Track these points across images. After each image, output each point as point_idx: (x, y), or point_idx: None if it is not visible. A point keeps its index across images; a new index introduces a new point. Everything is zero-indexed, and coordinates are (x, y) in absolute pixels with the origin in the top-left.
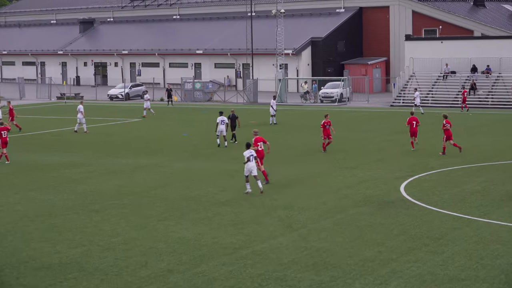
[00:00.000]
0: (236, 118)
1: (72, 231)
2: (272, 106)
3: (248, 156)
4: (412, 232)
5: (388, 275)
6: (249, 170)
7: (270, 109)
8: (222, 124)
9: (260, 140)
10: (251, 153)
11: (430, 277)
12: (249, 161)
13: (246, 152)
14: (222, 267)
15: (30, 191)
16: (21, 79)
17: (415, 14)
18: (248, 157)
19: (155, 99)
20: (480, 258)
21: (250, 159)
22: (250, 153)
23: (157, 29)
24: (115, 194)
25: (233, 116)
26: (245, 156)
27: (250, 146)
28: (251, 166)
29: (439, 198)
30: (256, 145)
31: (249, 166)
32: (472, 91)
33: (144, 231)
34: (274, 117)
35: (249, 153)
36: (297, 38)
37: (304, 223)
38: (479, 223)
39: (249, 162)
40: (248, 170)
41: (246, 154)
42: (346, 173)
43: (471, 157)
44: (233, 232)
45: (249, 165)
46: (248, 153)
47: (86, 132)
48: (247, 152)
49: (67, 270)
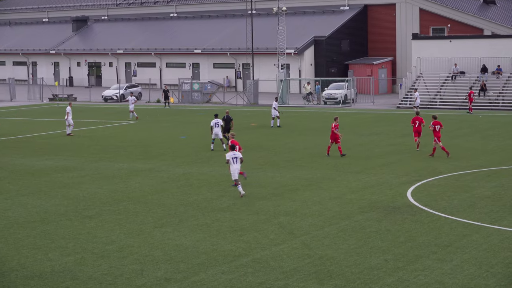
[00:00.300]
0: (230, 120)
1: (65, 238)
2: (275, 108)
3: (229, 159)
4: (420, 239)
5: (395, 284)
6: (233, 173)
7: (272, 111)
8: (216, 127)
9: (236, 143)
10: (234, 155)
11: (438, 286)
12: (234, 163)
13: (228, 154)
14: (222, 276)
15: (21, 197)
16: (12, 80)
17: (422, 12)
18: (229, 159)
19: (152, 100)
20: (490, 266)
21: (234, 161)
22: (232, 155)
23: (154, 28)
24: (110, 199)
25: (227, 117)
26: (226, 158)
27: (235, 148)
28: (235, 168)
29: (447, 204)
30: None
31: (232, 168)
32: (482, 92)
33: (140, 238)
34: (278, 119)
35: (232, 155)
36: (300, 37)
37: (307, 229)
38: (490, 230)
39: (233, 164)
40: (233, 173)
41: (228, 157)
42: (350, 177)
43: (481, 161)
44: (232, 239)
45: (233, 167)
46: (230, 155)
47: (69, 135)
48: (229, 154)
49: (59, 279)
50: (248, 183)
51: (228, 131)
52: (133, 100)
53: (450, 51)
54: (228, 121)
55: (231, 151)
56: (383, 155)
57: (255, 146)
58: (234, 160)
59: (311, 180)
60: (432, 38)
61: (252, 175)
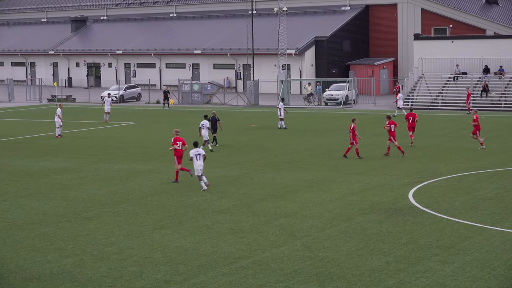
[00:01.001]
0: (217, 121)
1: (64, 240)
2: (280, 109)
3: (192, 156)
4: (421, 241)
5: (396, 286)
6: (197, 169)
7: (278, 112)
8: (203, 128)
9: (180, 140)
10: (198, 152)
11: None
12: (197, 160)
13: (192, 151)
14: (222, 278)
15: (19, 198)
16: (10, 81)
17: (424, 12)
18: (192, 156)
19: (151, 101)
20: (492, 268)
21: (197, 158)
22: (196, 152)
23: (153, 28)
24: (109, 201)
25: (213, 118)
26: (190, 155)
27: (198, 145)
28: (198, 164)
29: (449, 206)
30: (175, 143)
31: (196, 164)
32: (484, 93)
33: (140, 240)
34: (282, 120)
35: (195, 151)
36: (300, 38)
37: (308, 231)
38: (492, 232)
39: (197, 161)
40: (196, 169)
41: (191, 154)
42: (351, 179)
43: (483, 163)
44: (233, 241)
45: (196, 163)
46: (194, 152)
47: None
48: (193, 151)
49: (58, 281)
50: (248, 185)
51: (215, 131)
52: (110, 101)
53: (452, 51)
54: (215, 121)
55: (195, 148)
56: (384, 157)
57: (256, 147)
58: (197, 156)
59: (311, 181)
60: (434, 38)
61: (252, 177)
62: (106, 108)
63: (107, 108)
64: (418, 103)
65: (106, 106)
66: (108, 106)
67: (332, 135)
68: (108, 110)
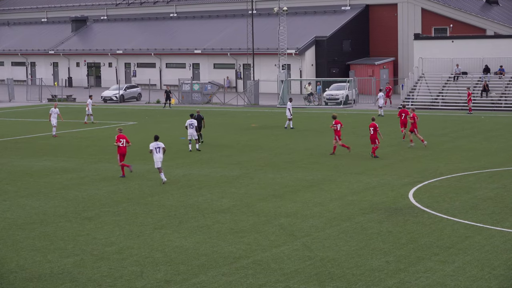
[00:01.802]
0: (201, 119)
1: (64, 240)
2: (289, 109)
3: (152, 149)
4: (421, 241)
5: (396, 286)
6: (156, 161)
7: (287, 112)
8: (191, 128)
9: (123, 137)
10: (157, 145)
11: None
12: (157, 153)
13: (151, 144)
14: (222, 278)
15: (20, 198)
16: (10, 80)
17: (424, 12)
18: (151, 149)
19: (151, 101)
20: (492, 268)
21: (157, 151)
22: (156, 145)
23: (153, 28)
24: (109, 201)
25: (198, 116)
26: (150, 148)
27: (158, 138)
28: (158, 157)
29: (449, 205)
30: (119, 141)
31: (156, 157)
32: (484, 93)
33: (140, 239)
34: (291, 121)
35: (155, 145)
36: (301, 37)
37: (308, 231)
38: (492, 232)
39: (156, 154)
40: (156, 161)
41: (151, 146)
42: (351, 179)
43: (483, 162)
44: (233, 241)
45: (156, 156)
46: (153, 145)
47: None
48: (152, 144)
49: (58, 281)
50: (248, 184)
51: (199, 129)
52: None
53: (452, 51)
54: (199, 120)
55: (155, 141)
56: (384, 156)
57: (256, 147)
58: (157, 149)
59: (312, 181)
60: (434, 38)
61: (252, 176)
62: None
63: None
64: (419, 103)
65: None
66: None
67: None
68: (90, 112)
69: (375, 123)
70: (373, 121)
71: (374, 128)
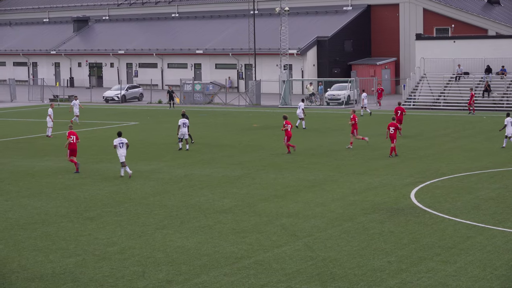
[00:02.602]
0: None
1: (66, 240)
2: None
3: (116, 144)
4: (423, 241)
5: (398, 286)
6: (120, 156)
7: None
8: (184, 127)
9: (73, 134)
10: (121, 141)
11: None
12: (120, 148)
13: (115, 140)
14: (224, 278)
15: (22, 198)
16: (12, 80)
17: (426, 12)
18: (115, 145)
19: (153, 101)
20: (494, 268)
21: (120, 146)
22: (119, 141)
23: (155, 28)
24: (111, 201)
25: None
26: (114, 143)
27: (121, 134)
28: (121, 152)
29: (451, 206)
30: (69, 137)
31: (119, 152)
32: (486, 93)
33: (142, 240)
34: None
35: (118, 141)
36: (302, 38)
37: (310, 231)
38: (494, 232)
39: (120, 149)
40: (120, 156)
41: (115, 142)
42: (353, 179)
43: (485, 163)
44: (234, 241)
45: (120, 151)
46: (117, 141)
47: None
48: (116, 140)
49: (60, 281)
50: (250, 185)
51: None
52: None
53: (454, 51)
54: None
55: (118, 137)
56: (386, 157)
57: (257, 147)
58: (120, 145)
59: (313, 181)
60: (436, 38)
61: (254, 177)
62: (76, 111)
63: (76, 111)
64: (420, 103)
65: (75, 109)
66: (76, 109)
67: (334, 135)
68: (78, 113)
69: (396, 123)
70: (393, 121)
71: (395, 127)
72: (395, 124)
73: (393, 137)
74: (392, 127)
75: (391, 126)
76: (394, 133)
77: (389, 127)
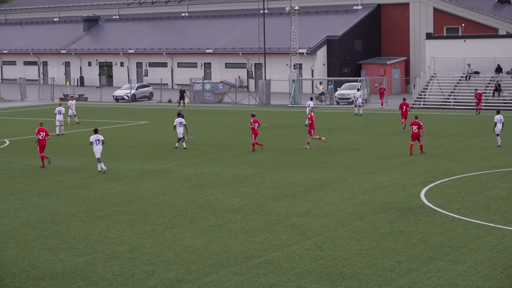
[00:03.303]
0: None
1: (76, 239)
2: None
3: (92, 141)
4: (433, 241)
5: (408, 285)
6: (96, 152)
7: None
8: (180, 126)
9: (43, 130)
10: (97, 138)
11: None
12: (96, 145)
13: (92, 137)
14: (233, 277)
15: (32, 197)
16: (23, 80)
17: (436, 11)
18: (92, 141)
19: (163, 100)
20: (504, 268)
21: (97, 143)
22: (96, 138)
23: (165, 27)
24: (121, 200)
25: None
26: (90, 140)
27: (98, 131)
28: (97, 149)
29: (461, 205)
30: (39, 133)
31: (95, 149)
32: (496, 93)
33: (151, 239)
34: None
35: (95, 137)
36: (312, 37)
37: (319, 230)
38: (504, 231)
39: (96, 146)
40: (96, 152)
41: (91, 139)
42: (363, 178)
43: (495, 162)
44: (244, 240)
45: (96, 148)
46: (93, 137)
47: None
48: (93, 137)
49: (70, 280)
50: (260, 184)
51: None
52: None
53: (464, 51)
54: None
55: (95, 134)
56: (396, 156)
57: (267, 147)
58: (96, 142)
59: (323, 180)
60: (446, 37)
61: (264, 176)
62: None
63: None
64: (430, 103)
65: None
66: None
67: (344, 134)
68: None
69: (419, 121)
70: (416, 119)
71: (419, 126)
72: (418, 123)
73: (417, 135)
74: (415, 126)
75: (414, 125)
76: (418, 132)
77: (412, 125)
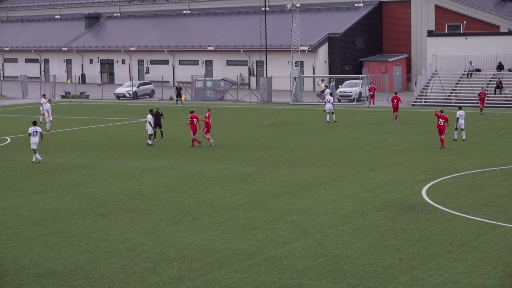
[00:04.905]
0: (160, 115)
1: (77, 236)
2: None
3: (30, 132)
4: (434, 238)
5: (409, 283)
6: (32, 143)
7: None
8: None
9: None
10: (35, 130)
11: (453, 286)
12: (33, 136)
13: (30, 129)
14: (235, 274)
15: (33, 194)
16: (24, 77)
17: (438, 8)
18: (30, 133)
19: (164, 98)
20: (506, 265)
21: (34, 134)
22: (33, 130)
23: (166, 25)
24: (122, 197)
25: (157, 113)
26: (28, 131)
27: (36, 123)
28: (34, 140)
29: (463, 203)
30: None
31: (32, 140)
32: (498, 90)
33: (153, 236)
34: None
35: (33, 129)
36: (314, 34)
37: (321, 228)
38: (505, 229)
39: (33, 137)
40: (32, 144)
41: (29, 130)
42: (364, 176)
43: (497, 160)
44: (246, 238)
45: (32, 139)
46: (32, 129)
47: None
48: (31, 129)
49: (72, 277)
50: (261, 181)
51: (159, 125)
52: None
53: (465, 48)
54: (158, 116)
55: (33, 126)
56: (397, 153)
57: (269, 144)
58: (34, 133)
59: (324, 178)
60: (448, 35)
61: (265, 173)
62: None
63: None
64: (432, 100)
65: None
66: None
67: (345, 132)
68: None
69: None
70: (442, 113)
71: (445, 120)
72: (445, 116)
73: (443, 128)
74: (442, 119)
75: (441, 118)
76: (443, 125)
77: (439, 119)
